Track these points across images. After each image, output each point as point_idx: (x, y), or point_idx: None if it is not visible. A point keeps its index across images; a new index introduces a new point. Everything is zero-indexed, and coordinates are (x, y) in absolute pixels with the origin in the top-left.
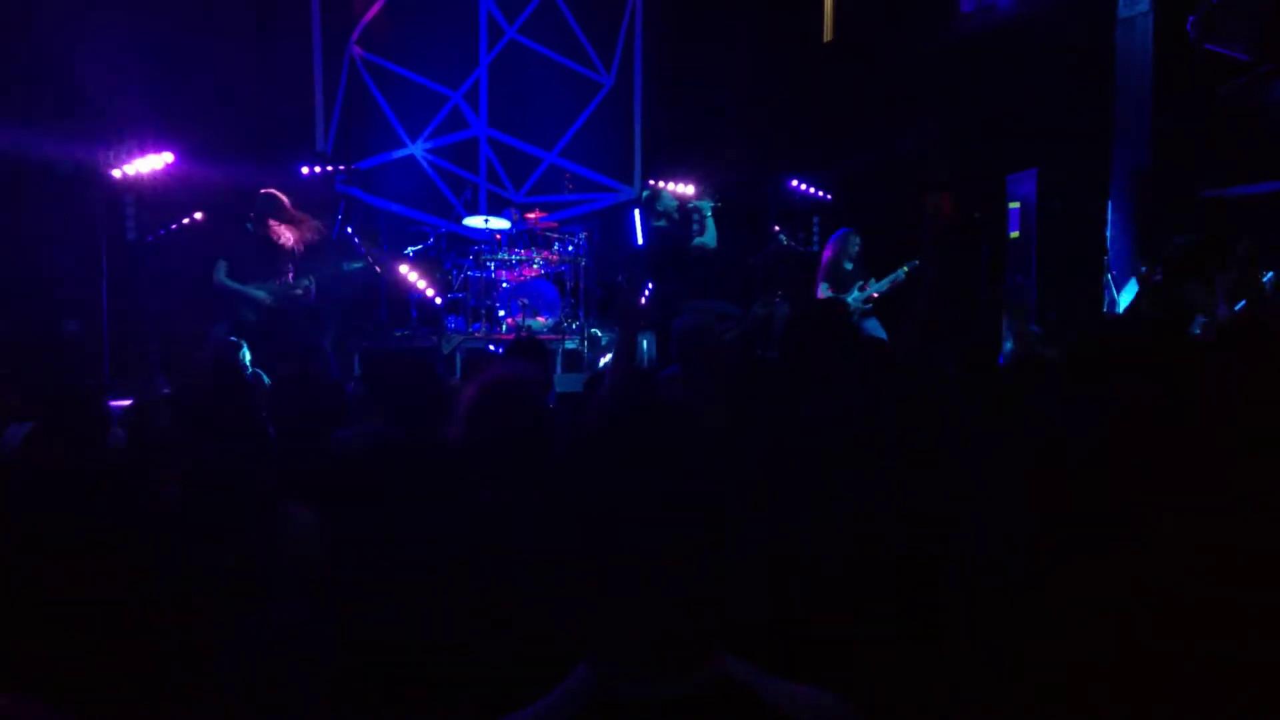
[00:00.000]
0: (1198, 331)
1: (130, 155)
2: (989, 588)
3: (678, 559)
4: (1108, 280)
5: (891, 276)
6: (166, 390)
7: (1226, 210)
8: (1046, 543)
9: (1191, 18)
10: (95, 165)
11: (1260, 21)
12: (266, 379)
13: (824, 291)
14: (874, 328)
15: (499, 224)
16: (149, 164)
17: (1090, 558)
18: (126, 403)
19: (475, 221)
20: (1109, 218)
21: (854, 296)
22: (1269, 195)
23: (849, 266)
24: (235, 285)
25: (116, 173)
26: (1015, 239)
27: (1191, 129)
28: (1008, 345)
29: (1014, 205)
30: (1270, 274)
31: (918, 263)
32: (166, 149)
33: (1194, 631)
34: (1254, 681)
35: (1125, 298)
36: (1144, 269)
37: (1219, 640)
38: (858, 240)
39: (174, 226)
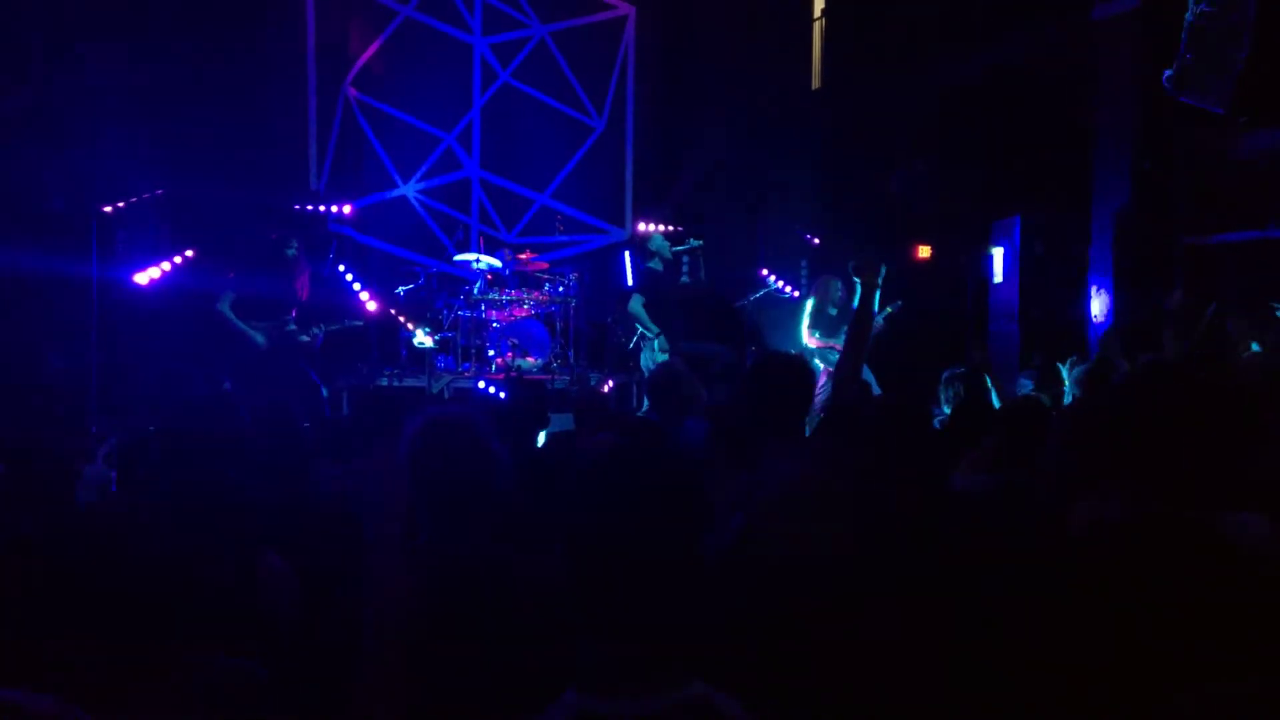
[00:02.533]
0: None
1: (123, 192)
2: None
3: (653, 593)
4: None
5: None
6: (154, 428)
7: (1208, 258)
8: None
9: (1167, 71)
10: (87, 201)
11: (1232, 75)
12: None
13: (813, 337)
14: (862, 372)
15: (490, 262)
16: (142, 201)
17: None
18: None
19: (466, 258)
20: (1090, 263)
21: (841, 340)
22: (1249, 243)
23: (833, 312)
24: (235, 320)
25: (108, 209)
26: (999, 283)
27: (1172, 176)
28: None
29: (997, 250)
30: None
31: (900, 304)
32: (159, 186)
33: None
34: None
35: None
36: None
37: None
38: (840, 285)
39: (165, 265)
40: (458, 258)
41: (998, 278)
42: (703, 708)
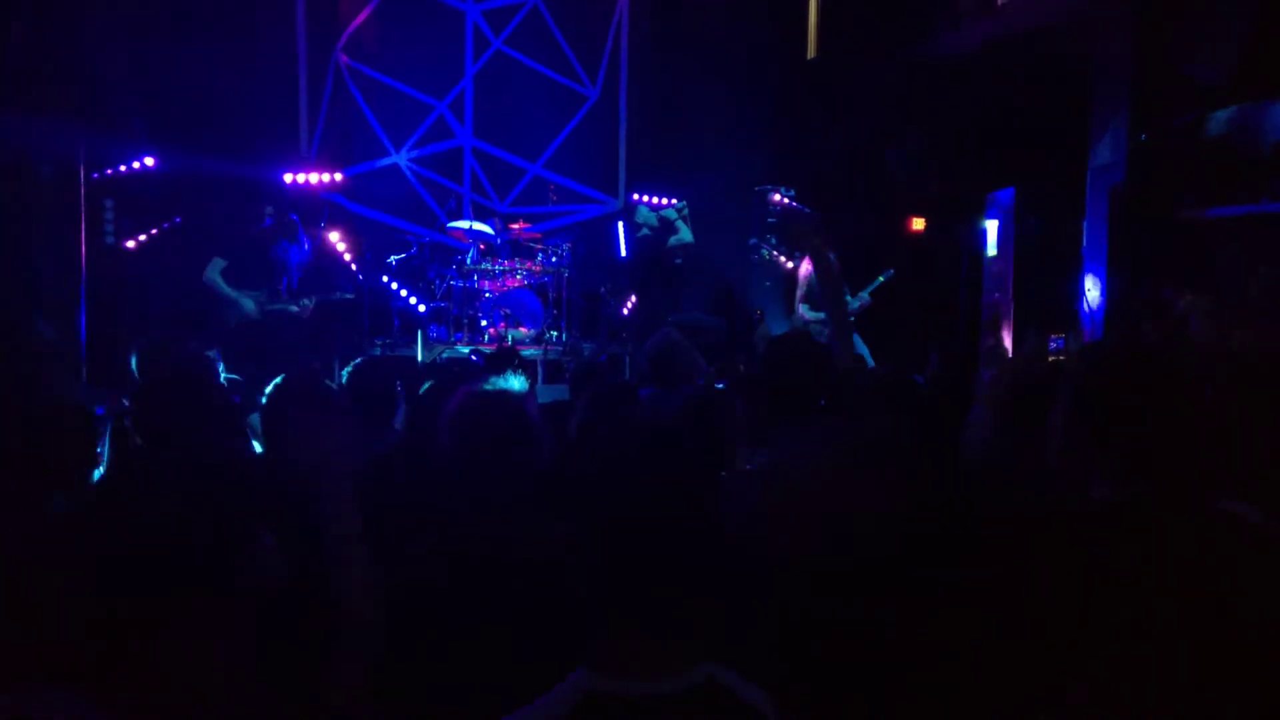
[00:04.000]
0: None
1: (112, 159)
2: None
3: (667, 571)
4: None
5: (868, 289)
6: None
7: (1201, 231)
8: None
9: (1166, 43)
10: (76, 168)
11: (1235, 47)
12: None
13: (803, 310)
14: (855, 343)
15: (483, 227)
16: (130, 168)
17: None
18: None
19: (461, 224)
20: (1085, 237)
21: None
22: (1246, 217)
23: None
24: (224, 287)
25: (97, 176)
26: (993, 257)
27: (1168, 150)
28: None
29: (992, 224)
30: None
31: (893, 272)
32: (148, 153)
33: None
34: None
35: None
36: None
37: None
38: (833, 258)
39: (154, 231)
40: (451, 225)
41: (991, 250)
42: (716, 690)
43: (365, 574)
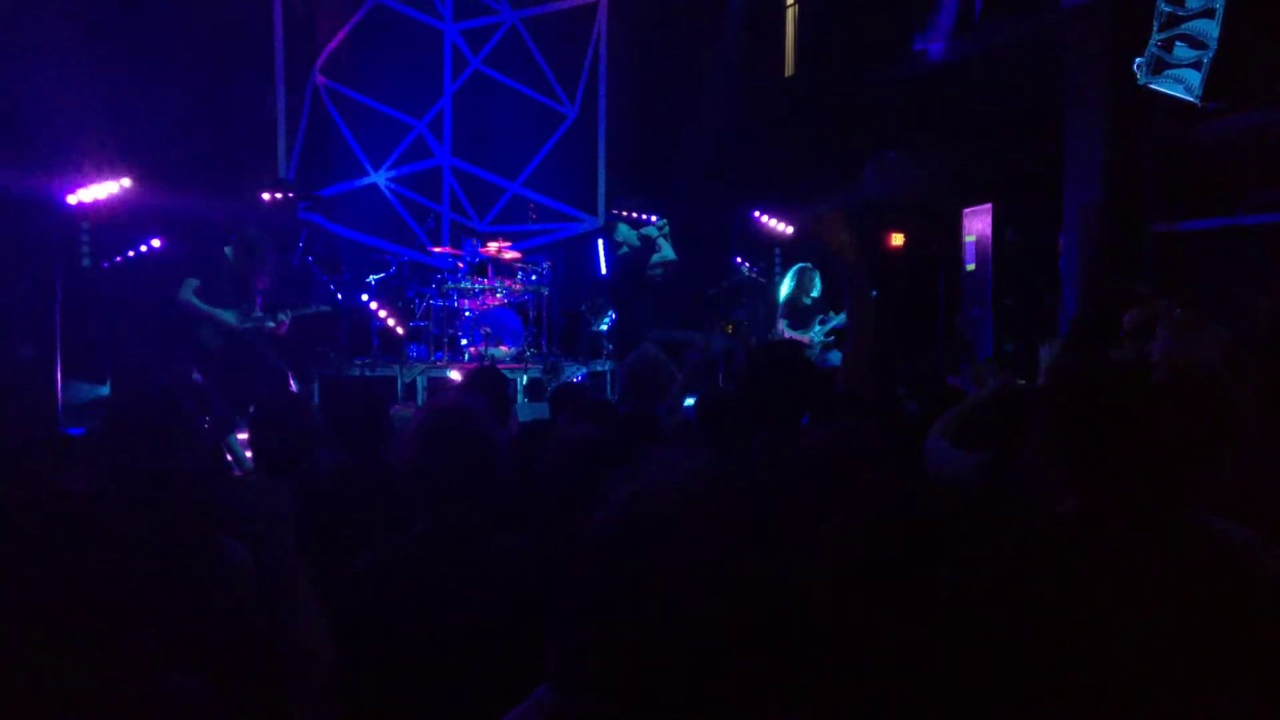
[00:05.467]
0: None
1: (86, 180)
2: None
3: (627, 593)
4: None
5: (825, 327)
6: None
7: (1176, 245)
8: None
9: (1138, 59)
10: (50, 190)
11: (1202, 62)
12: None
13: (783, 327)
14: (837, 360)
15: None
16: (105, 189)
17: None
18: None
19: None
20: (1062, 251)
21: (815, 330)
22: (1218, 230)
23: (808, 301)
24: (202, 305)
25: (72, 198)
26: (971, 271)
27: (1141, 164)
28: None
29: (970, 239)
30: None
31: (875, 294)
32: (124, 174)
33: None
34: None
35: None
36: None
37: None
38: (816, 275)
39: (130, 254)
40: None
41: (970, 265)
42: None
43: (308, 607)
